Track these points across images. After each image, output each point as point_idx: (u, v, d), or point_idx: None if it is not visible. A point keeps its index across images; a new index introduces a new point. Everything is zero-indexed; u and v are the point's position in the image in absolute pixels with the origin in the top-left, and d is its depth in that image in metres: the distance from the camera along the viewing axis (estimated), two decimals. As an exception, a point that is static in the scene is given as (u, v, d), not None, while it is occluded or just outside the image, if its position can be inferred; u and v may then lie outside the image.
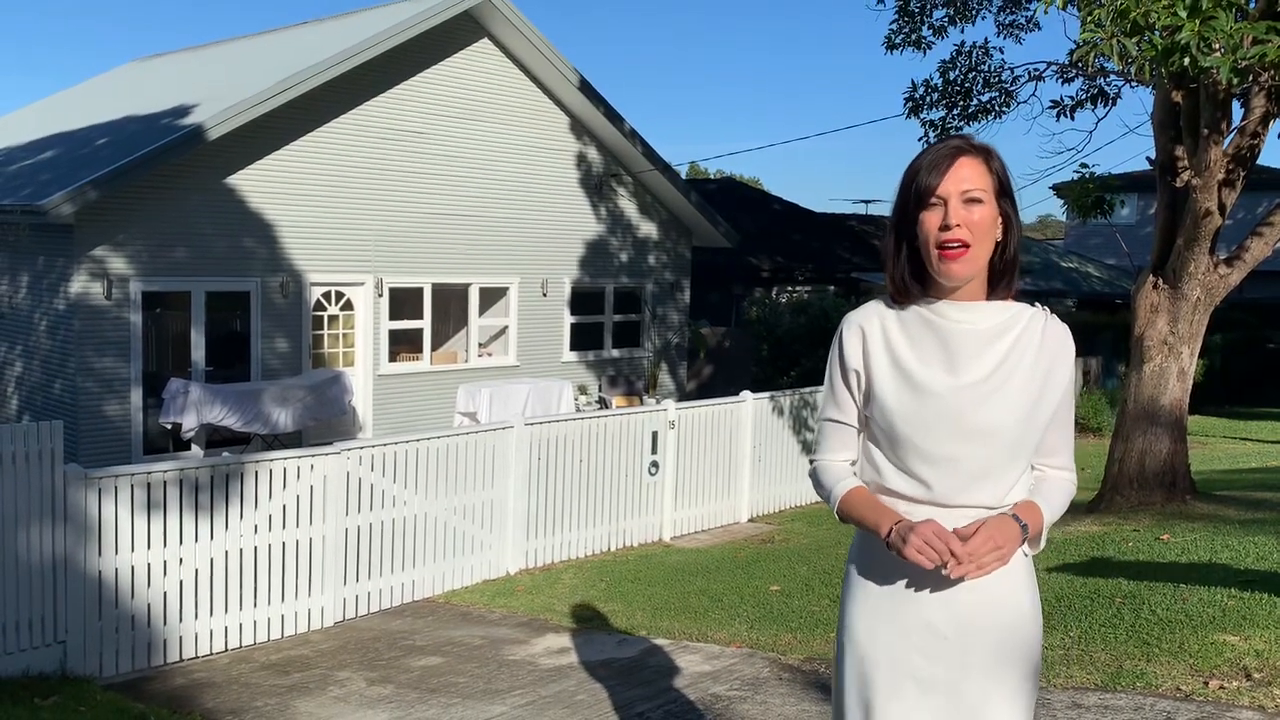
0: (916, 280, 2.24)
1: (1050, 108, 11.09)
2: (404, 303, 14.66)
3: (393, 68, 13.99)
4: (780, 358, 17.96)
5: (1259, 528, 7.58)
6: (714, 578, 8.47)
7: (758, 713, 4.84)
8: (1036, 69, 11.27)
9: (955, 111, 11.61)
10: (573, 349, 16.65)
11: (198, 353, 12.73)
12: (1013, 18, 12.27)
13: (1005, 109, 11.57)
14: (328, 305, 13.86)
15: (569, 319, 16.52)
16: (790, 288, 23.17)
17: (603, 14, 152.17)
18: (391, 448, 8.34)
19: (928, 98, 11.64)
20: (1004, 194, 2.22)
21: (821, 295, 20.87)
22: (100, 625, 6.76)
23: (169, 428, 12.07)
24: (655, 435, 10.41)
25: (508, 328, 15.91)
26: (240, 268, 12.91)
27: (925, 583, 2.21)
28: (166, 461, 7.74)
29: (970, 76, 11.61)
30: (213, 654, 7.23)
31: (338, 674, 6.49)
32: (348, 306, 14.08)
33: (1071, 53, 7.40)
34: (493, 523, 9.09)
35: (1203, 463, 12.26)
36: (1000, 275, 2.24)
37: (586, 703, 5.37)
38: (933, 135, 11.58)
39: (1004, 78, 11.56)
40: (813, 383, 13.57)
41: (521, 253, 15.74)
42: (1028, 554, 2.25)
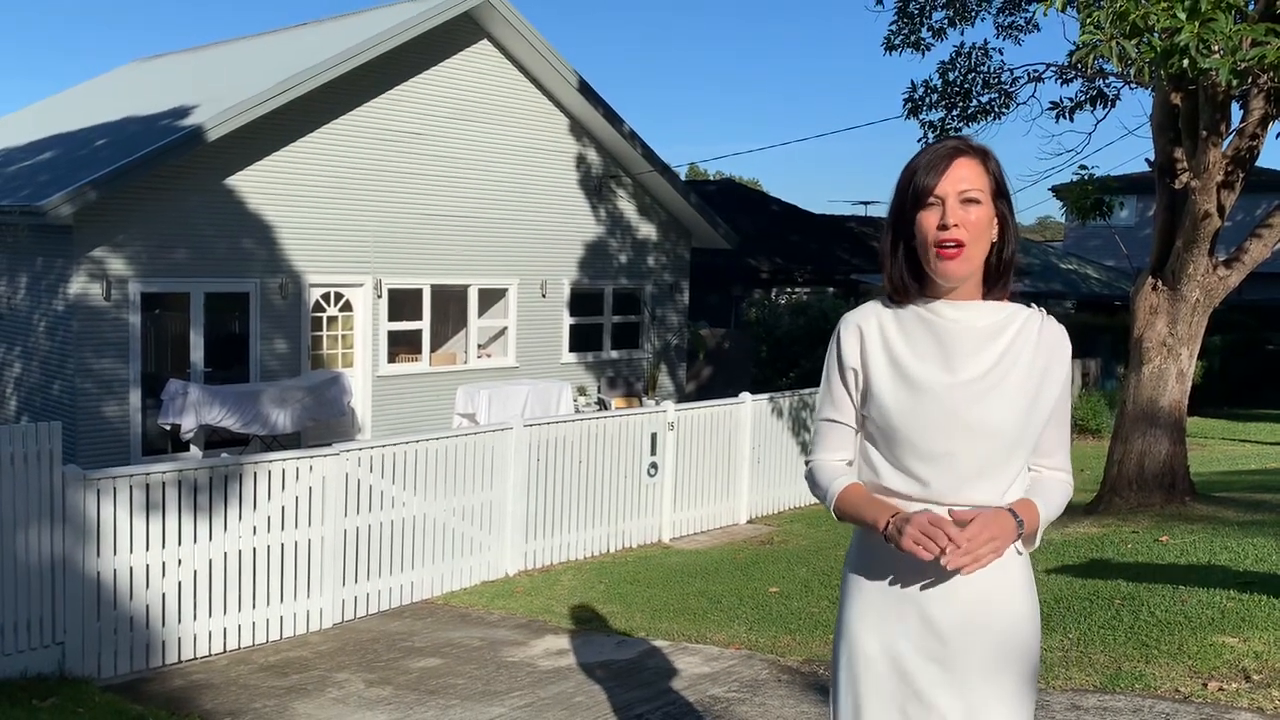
0: (913, 279, 2.25)
1: (1049, 109, 11.08)
2: (403, 304, 14.65)
3: (392, 69, 14.00)
4: (779, 359, 17.96)
5: (1258, 529, 7.58)
6: (713, 579, 8.47)
7: (756, 714, 4.84)
8: (1036, 70, 11.28)
9: (954, 112, 11.61)
10: (572, 350, 16.64)
11: (197, 354, 12.73)
12: (1012, 19, 12.26)
13: (1004, 110, 11.58)
14: (327, 306, 13.86)
15: (568, 320, 16.51)
16: (789, 289, 23.19)
17: (602, 15, 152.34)
18: (390, 449, 8.34)
19: (927, 99, 11.64)
20: (1000, 195, 2.23)
21: (821, 296, 20.88)
22: (99, 626, 6.76)
23: (168, 429, 12.07)
24: (654, 436, 10.41)
25: (507, 329, 15.91)
26: (239, 269, 12.91)
27: (923, 585, 2.21)
28: (165, 462, 7.74)
29: (969, 77, 11.61)
30: (211, 655, 7.23)
31: (336, 675, 6.49)
32: (347, 307, 14.08)
33: (1071, 54, 7.40)
34: (492, 524, 9.09)
35: (1202, 464, 12.26)
36: (996, 276, 2.26)
37: (585, 704, 5.37)
38: (932, 136, 11.58)
39: (1003, 79, 11.57)
40: (812, 384, 13.53)
41: (521, 254, 15.74)
42: (1021, 552, 2.24)
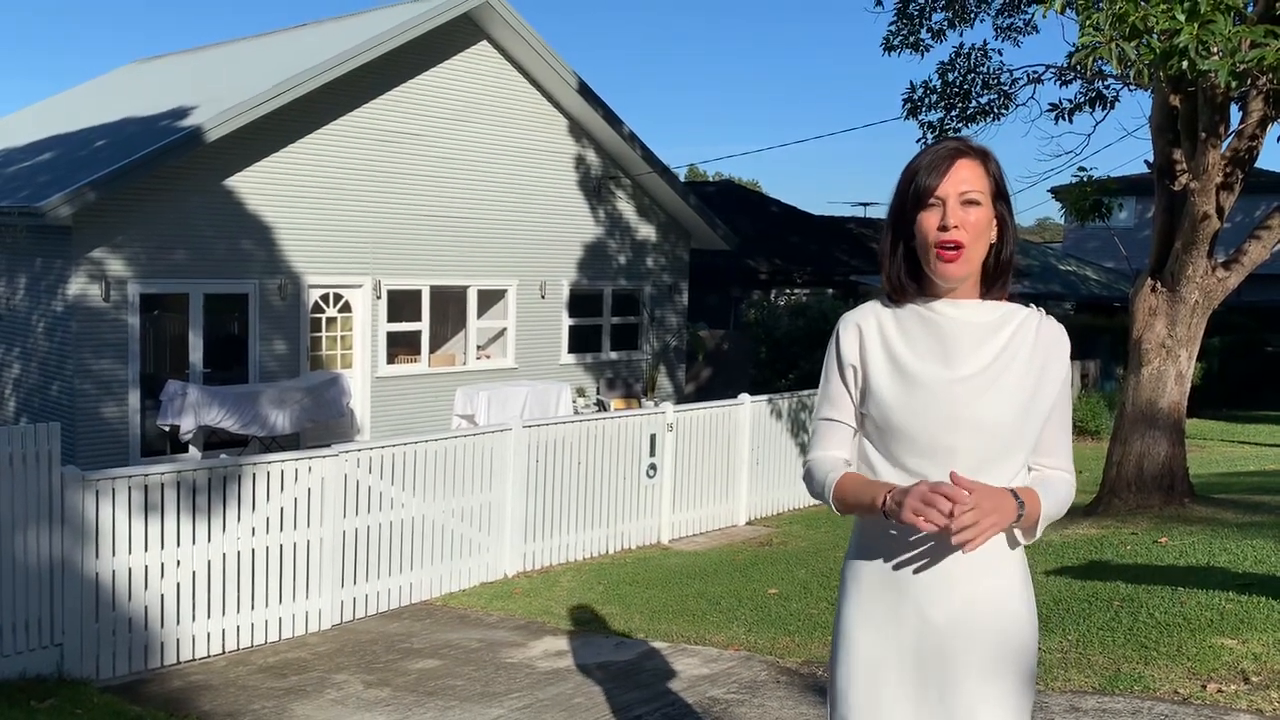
0: (912, 279, 2.27)
1: (1048, 110, 11.09)
2: (402, 305, 14.65)
3: (392, 70, 14.00)
4: (778, 360, 17.96)
5: (1257, 531, 7.58)
6: (712, 580, 8.46)
7: (755, 716, 4.83)
8: (1035, 71, 11.29)
9: (954, 113, 11.61)
10: (571, 351, 16.65)
11: (196, 355, 12.72)
12: (1011, 21, 12.27)
13: (1004, 111, 11.58)
14: (326, 307, 13.86)
15: (567, 321, 16.51)
16: (789, 290, 23.17)
17: (602, 17, 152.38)
18: (389, 450, 8.33)
19: (926, 99, 11.64)
20: (1000, 197, 2.25)
21: (820, 298, 20.87)
22: (97, 627, 6.75)
23: (167, 430, 12.07)
24: (653, 438, 10.40)
25: (506, 330, 15.91)
26: (238, 270, 12.91)
27: (921, 585, 2.21)
28: (164, 464, 7.74)
29: (969, 78, 11.62)
30: (210, 656, 7.22)
31: (335, 677, 6.48)
32: (346, 308, 14.08)
33: (1070, 56, 7.40)
34: (490, 525, 9.08)
35: (1201, 466, 12.27)
36: (995, 277, 2.27)
37: (584, 706, 5.37)
38: (931, 137, 11.58)
39: (1002, 80, 11.57)
40: (811, 385, 13.55)
41: (520, 255, 15.74)
42: (1021, 542, 2.23)
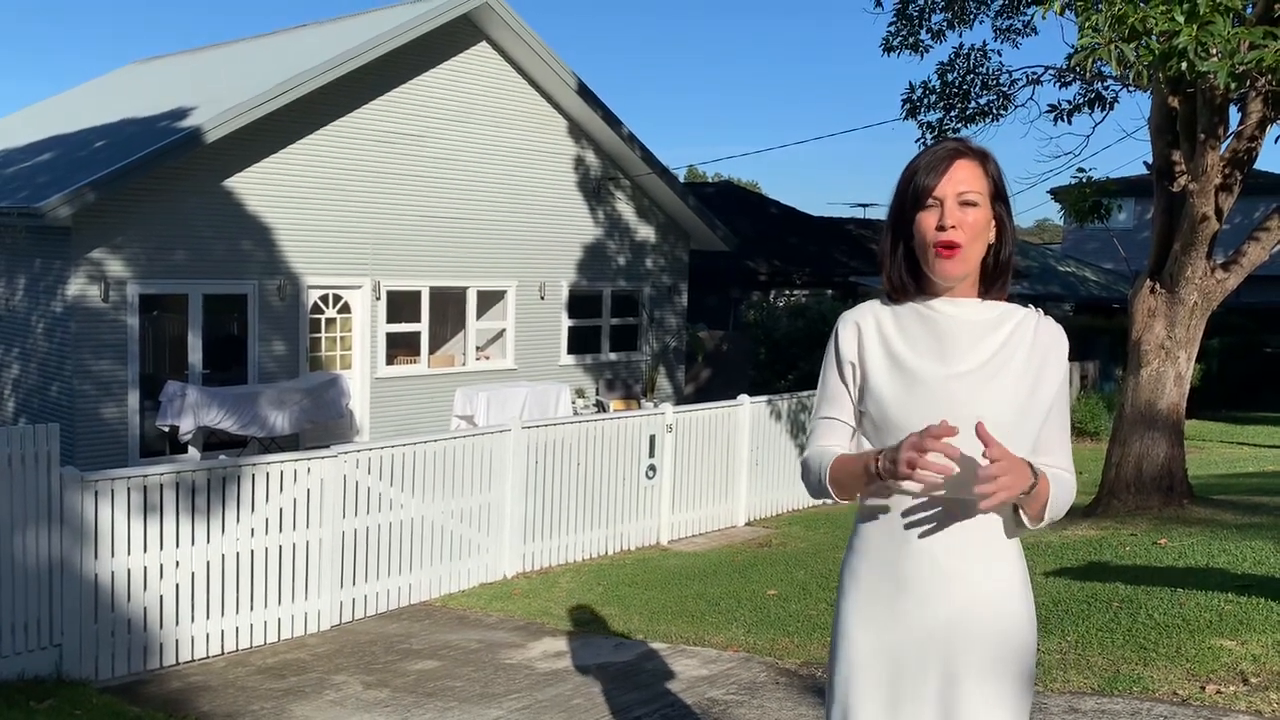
0: (911, 279, 2.28)
1: (1048, 111, 11.09)
2: (402, 306, 14.65)
3: (391, 71, 14.00)
4: (778, 361, 17.95)
5: (1256, 532, 7.58)
6: (711, 581, 8.46)
7: (755, 717, 4.83)
8: (1034, 73, 11.30)
9: (953, 114, 11.62)
10: (570, 352, 16.64)
11: (195, 355, 12.72)
12: (1010, 22, 12.26)
13: (1003, 112, 11.59)
14: (325, 308, 13.85)
15: (566, 322, 16.51)
16: (788, 291, 23.18)
17: (601, 18, 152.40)
18: (388, 451, 8.33)
19: (925, 100, 11.65)
20: (999, 197, 2.26)
21: (819, 299, 20.87)
22: (96, 628, 6.75)
23: (166, 430, 12.06)
24: (653, 439, 10.40)
25: (505, 331, 15.91)
26: (238, 270, 12.91)
27: (920, 584, 2.21)
28: (163, 464, 7.74)
29: (968, 79, 11.62)
30: (209, 657, 7.22)
31: (334, 678, 6.48)
32: (345, 309, 14.07)
33: (1069, 57, 7.40)
34: (490, 526, 9.08)
35: (1200, 467, 12.27)
36: (994, 277, 2.28)
37: (583, 707, 5.36)
38: (930, 137, 11.59)
39: (1001, 81, 11.58)
40: (810, 386, 13.51)
41: (519, 256, 15.74)
42: (1027, 525, 2.20)
